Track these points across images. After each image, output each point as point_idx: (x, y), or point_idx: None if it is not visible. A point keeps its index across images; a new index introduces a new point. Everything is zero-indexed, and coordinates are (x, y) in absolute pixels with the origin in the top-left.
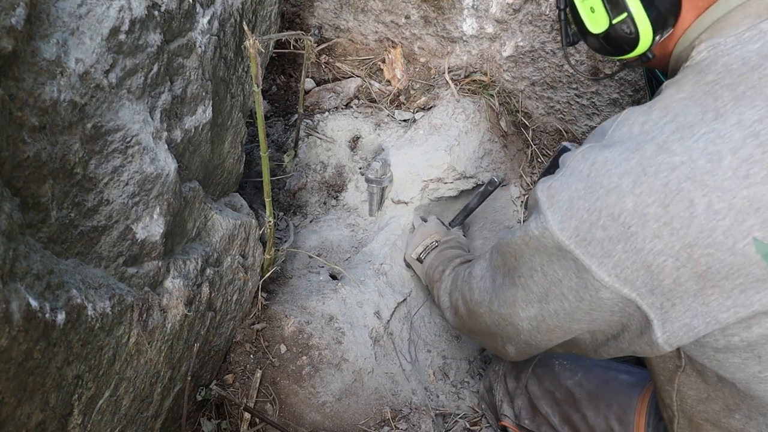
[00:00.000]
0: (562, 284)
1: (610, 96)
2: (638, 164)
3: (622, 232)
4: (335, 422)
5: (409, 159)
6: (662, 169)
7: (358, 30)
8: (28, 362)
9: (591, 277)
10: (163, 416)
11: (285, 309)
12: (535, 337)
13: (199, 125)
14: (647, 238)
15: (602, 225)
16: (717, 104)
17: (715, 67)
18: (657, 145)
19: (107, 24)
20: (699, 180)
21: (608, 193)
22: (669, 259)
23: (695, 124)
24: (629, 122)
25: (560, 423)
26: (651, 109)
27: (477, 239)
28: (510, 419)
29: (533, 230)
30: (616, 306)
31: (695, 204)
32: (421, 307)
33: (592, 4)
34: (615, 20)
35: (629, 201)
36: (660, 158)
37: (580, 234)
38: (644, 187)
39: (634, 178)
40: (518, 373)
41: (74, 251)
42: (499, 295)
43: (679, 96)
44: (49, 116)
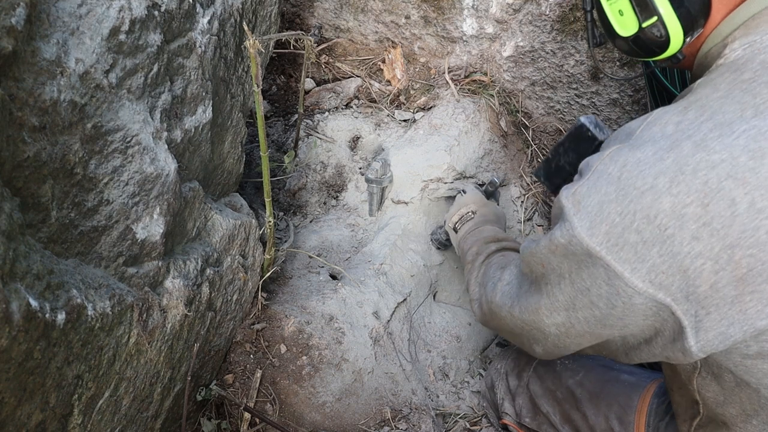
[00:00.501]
0: (591, 293)
1: (610, 96)
2: (675, 163)
3: (658, 234)
4: (335, 422)
5: (409, 159)
6: (701, 168)
7: (358, 30)
8: (28, 362)
9: (623, 283)
10: (163, 416)
11: (285, 309)
12: (563, 341)
13: (199, 125)
14: (685, 241)
15: (636, 228)
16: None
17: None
18: (694, 144)
19: (107, 24)
20: (741, 178)
21: (643, 194)
22: (708, 262)
23: (734, 121)
24: (661, 122)
25: (561, 422)
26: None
27: None
28: (511, 417)
29: (559, 238)
30: (650, 310)
31: (737, 203)
32: (421, 306)
33: (620, 7)
34: (645, 24)
35: (666, 202)
36: (698, 156)
37: (612, 239)
38: (682, 186)
39: (670, 178)
40: (520, 372)
41: (74, 251)
42: (521, 302)
43: (716, 95)
44: (49, 116)
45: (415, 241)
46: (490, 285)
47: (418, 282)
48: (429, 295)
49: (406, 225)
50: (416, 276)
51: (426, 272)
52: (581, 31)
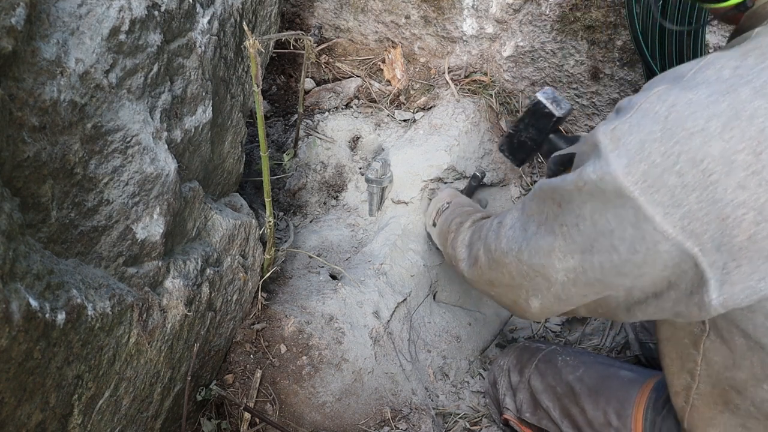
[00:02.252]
0: (614, 235)
1: (610, 96)
2: (730, 107)
3: (701, 179)
4: (335, 422)
5: (409, 159)
6: (758, 115)
7: (358, 30)
8: (28, 362)
9: (651, 227)
10: (163, 416)
11: (285, 309)
12: (569, 290)
13: (199, 125)
14: (729, 188)
15: (678, 171)
16: None
17: None
18: (754, 89)
19: (107, 24)
20: None
21: (692, 136)
22: (750, 212)
23: None
24: (717, 65)
25: (560, 417)
26: (745, 56)
27: None
28: (512, 413)
29: (590, 174)
30: (672, 261)
31: None
32: (421, 306)
33: None
34: None
35: (716, 146)
36: (757, 103)
37: (648, 179)
38: (736, 131)
39: (724, 122)
40: (522, 368)
41: (74, 251)
42: (531, 244)
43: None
44: (49, 116)
45: (415, 241)
46: (491, 235)
47: (418, 282)
48: (429, 295)
49: (406, 225)
50: (416, 276)
51: (426, 272)
52: (581, 31)
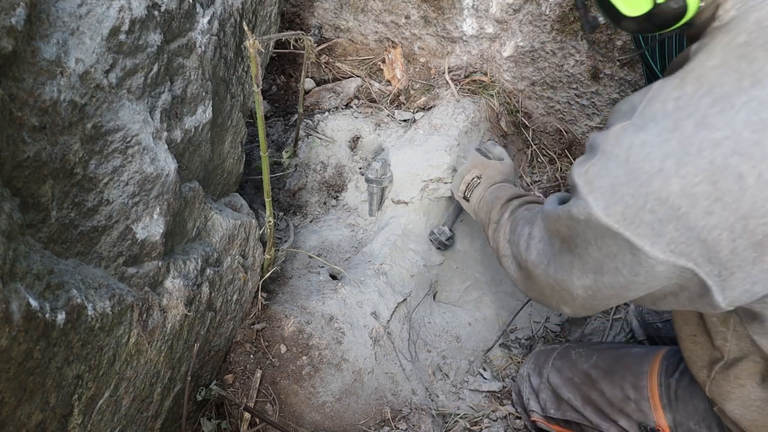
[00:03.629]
0: (617, 259)
1: (610, 96)
2: (679, 144)
3: (672, 213)
4: (335, 422)
5: (409, 159)
6: (705, 147)
7: (358, 30)
8: (28, 362)
9: (644, 255)
10: (163, 416)
11: (285, 309)
12: (590, 303)
13: (199, 125)
14: (699, 216)
15: (650, 209)
16: (753, 68)
17: (746, 25)
18: (696, 122)
19: (107, 24)
20: (746, 153)
21: (652, 178)
22: (724, 232)
23: (733, 93)
24: (661, 98)
25: (582, 405)
26: (683, 82)
27: (477, 239)
28: (538, 413)
29: (577, 214)
30: (674, 274)
31: (745, 177)
32: (421, 306)
33: None
34: None
35: (675, 183)
36: (701, 135)
37: (627, 218)
38: (689, 167)
39: (676, 160)
40: (540, 370)
41: (74, 251)
42: (557, 259)
43: (711, 63)
44: (49, 116)
45: (415, 241)
46: (523, 243)
47: (418, 282)
48: (429, 294)
49: (406, 225)
50: (416, 276)
51: (426, 272)
52: (581, 31)
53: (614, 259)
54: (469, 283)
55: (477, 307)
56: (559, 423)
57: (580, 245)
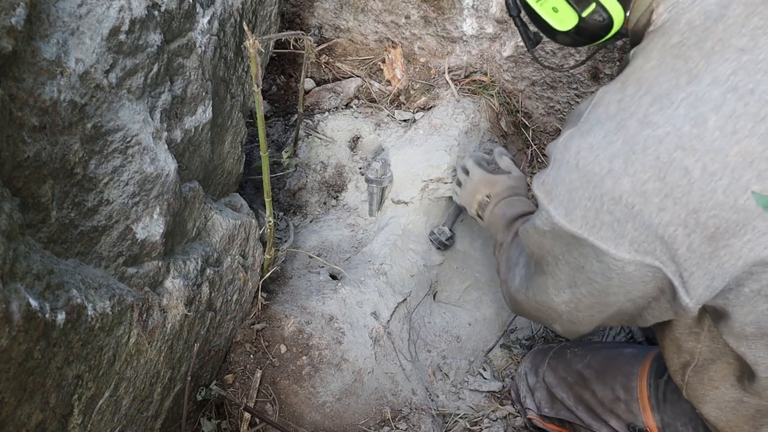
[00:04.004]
0: (585, 270)
1: None
2: (624, 144)
3: (628, 212)
4: (335, 422)
5: (409, 159)
6: (650, 144)
7: (358, 30)
8: (28, 362)
9: (611, 258)
10: (163, 416)
11: (285, 309)
12: (576, 316)
13: (199, 125)
14: (653, 213)
15: (607, 209)
16: (688, 66)
17: (678, 27)
18: (638, 121)
19: (107, 24)
20: (689, 147)
21: (603, 179)
22: (678, 228)
23: (671, 91)
24: (604, 102)
25: (575, 404)
26: (624, 85)
27: (477, 239)
28: (533, 411)
29: (542, 226)
30: (647, 276)
31: (690, 171)
32: (421, 306)
33: (553, 4)
34: (585, 13)
35: (626, 182)
36: (645, 133)
37: (589, 221)
38: (637, 165)
39: (624, 159)
40: (536, 369)
41: (74, 251)
42: (532, 283)
43: (649, 65)
44: (49, 116)
45: (415, 241)
46: (511, 272)
47: (418, 282)
48: (429, 294)
49: (406, 225)
50: (416, 276)
51: (426, 272)
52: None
53: (583, 271)
54: (469, 283)
55: (477, 307)
56: (553, 422)
57: (550, 263)
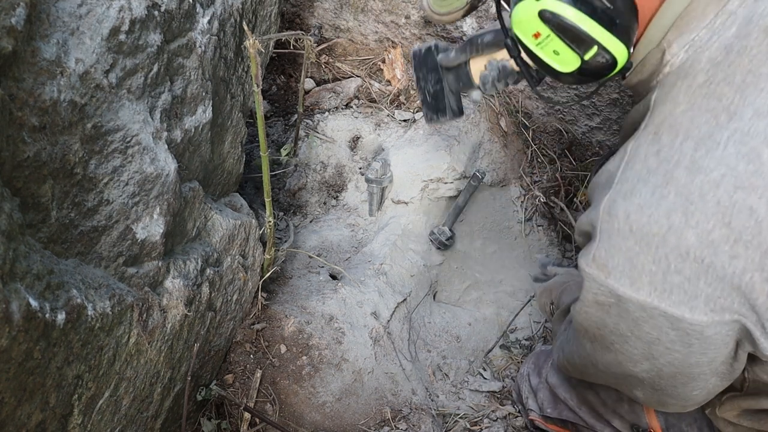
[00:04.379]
0: (662, 342)
1: (610, 96)
2: (678, 196)
3: (698, 267)
4: (335, 422)
5: (409, 159)
6: (706, 190)
7: (358, 30)
8: (28, 362)
9: (687, 324)
10: (163, 416)
11: (285, 309)
12: (658, 384)
13: (199, 125)
14: (725, 263)
15: (675, 269)
16: (723, 103)
17: (701, 66)
18: (686, 169)
19: (107, 24)
20: (748, 185)
21: (665, 238)
22: (755, 273)
23: (713, 132)
24: (640, 157)
25: (577, 405)
26: (657, 135)
27: (477, 239)
28: (535, 412)
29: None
30: (727, 336)
31: (756, 209)
32: (421, 306)
33: (553, 47)
34: (587, 56)
35: (690, 235)
36: (698, 180)
37: (657, 287)
38: (698, 215)
39: (682, 212)
40: (539, 370)
41: (74, 251)
42: (598, 361)
43: (680, 110)
44: (49, 116)
45: (415, 241)
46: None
47: (418, 282)
48: (429, 294)
49: (406, 225)
50: (416, 276)
51: (426, 272)
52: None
53: (659, 343)
54: (469, 283)
55: (477, 307)
56: (555, 422)
57: (617, 341)
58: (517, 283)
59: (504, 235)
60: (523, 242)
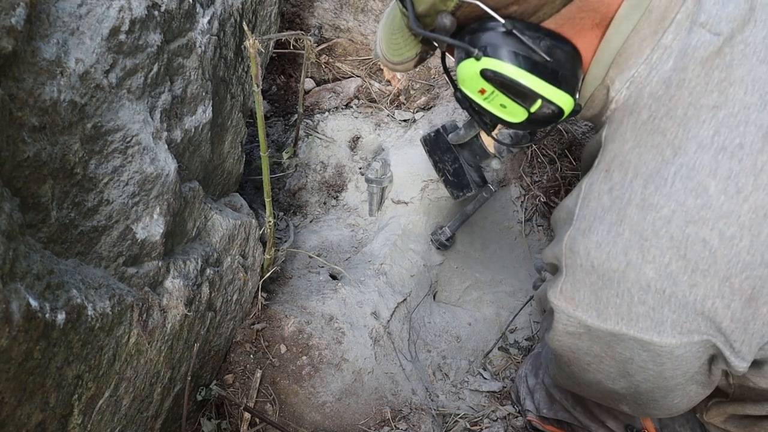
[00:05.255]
0: (635, 361)
1: None
2: (633, 233)
3: (660, 297)
4: (335, 422)
5: (409, 159)
6: (659, 227)
7: (358, 30)
8: (28, 362)
9: (657, 346)
10: (163, 416)
11: (285, 309)
12: (639, 398)
13: (199, 125)
14: (686, 291)
15: (639, 300)
16: (667, 138)
17: (643, 102)
18: (638, 207)
19: (107, 24)
20: (699, 218)
21: (624, 273)
22: (716, 300)
23: (660, 168)
24: (594, 194)
25: (572, 405)
26: (609, 174)
27: (477, 239)
28: (532, 413)
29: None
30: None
31: (709, 241)
32: (421, 306)
33: (500, 102)
34: (532, 109)
35: (649, 270)
36: (650, 217)
37: (624, 317)
38: (654, 251)
39: (638, 248)
40: (536, 371)
41: (74, 251)
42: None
43: (627, 147)
44: (49, 116)
45: (415, 241)
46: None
47: (418, 282)
48: (429, 294)
49: (406, 225)
50: (416, 276)
51: (426, 272)
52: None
53: (632, 362)
54: (469, 283)
55: (477, 307)
56: (552, 423)
57: (592, 362)
58: (517, 283)
59: (504, 235)
60: (523, 242)
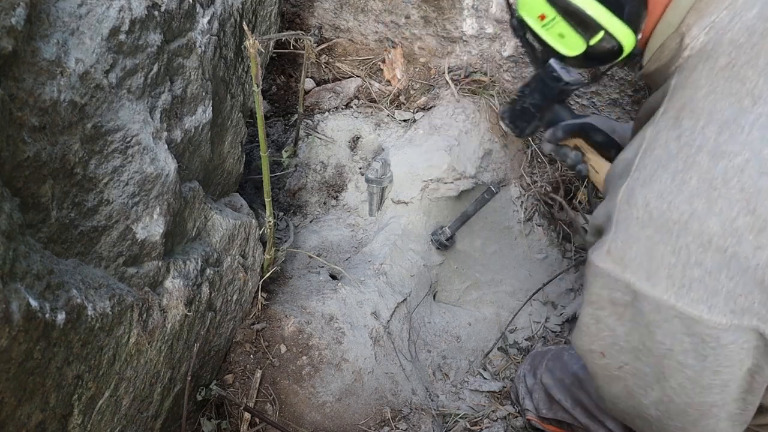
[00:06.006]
0: (675, 353)
1: (610, 96)
2: (701, 181)
3: (720, 258)
4: (335, 422)
5: (409, 159)
6: (730, 176)
7: (358, 30)
8: (28, 362)
9: (705, 327)
10: (163, 416)
11: (285, 309)
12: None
13: (199, 125)
14: (749, 254)
15: (696, 261)
16: (747, 87)
17: (722, 48)
18: (709, 153)
19: (107, 24)
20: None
21: (686, 224)
22: None
23: (737, 115)
24: (660, 142)
25: (572, 406)
26: (678, 120)
27: (477, 239)
28: (531, 412)
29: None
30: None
31: None
32: (421, 306)
33: (558, 30)
34: (592, 41)
35: (713, 223)
36: (721, 165)
37: (676, 282)
38: (721, 202)
39: (706, 197)
40: (534, 371)
41: (74, 251)
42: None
43: (701, 93)
44: (49, 116)
45: (415, 241)
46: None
47: (418, 282)
48: (429, 294)
49: (406, 225)
50: (416, 276)
51: (426, 272)
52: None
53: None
54: (469, 283)
55: (477, 307)
56: (551, 423)
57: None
58: (517, 283)
59: (504, 235)
60: (523, 242)
